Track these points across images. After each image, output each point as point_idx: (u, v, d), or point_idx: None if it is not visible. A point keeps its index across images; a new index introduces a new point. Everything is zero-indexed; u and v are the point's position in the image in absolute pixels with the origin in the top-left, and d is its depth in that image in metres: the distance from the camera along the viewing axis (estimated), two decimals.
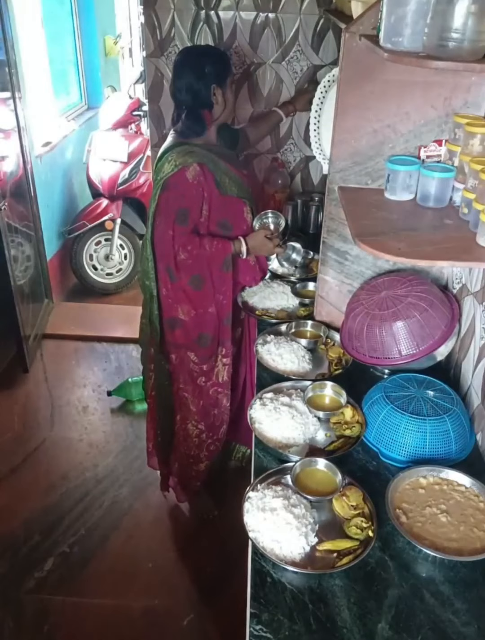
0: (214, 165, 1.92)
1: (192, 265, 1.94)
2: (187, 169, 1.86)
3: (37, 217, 3.69)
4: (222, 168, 1.95)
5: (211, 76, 1.89)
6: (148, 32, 2.73)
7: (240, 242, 1.96)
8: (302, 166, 3.00)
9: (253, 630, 1.07)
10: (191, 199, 1.88)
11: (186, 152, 1.88)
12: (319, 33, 2.67)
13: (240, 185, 1.99)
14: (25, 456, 2.79)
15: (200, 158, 1.88)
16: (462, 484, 1.35)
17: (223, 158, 1.98)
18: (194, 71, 1.88)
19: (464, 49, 1.07)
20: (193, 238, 1.92)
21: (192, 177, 1.86)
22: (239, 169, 2.07)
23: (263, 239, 1.96)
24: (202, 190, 1.88)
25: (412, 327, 1.59)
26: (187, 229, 1.91)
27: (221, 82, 1.91)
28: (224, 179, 1.94)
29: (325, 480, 1.36)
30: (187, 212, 1.88)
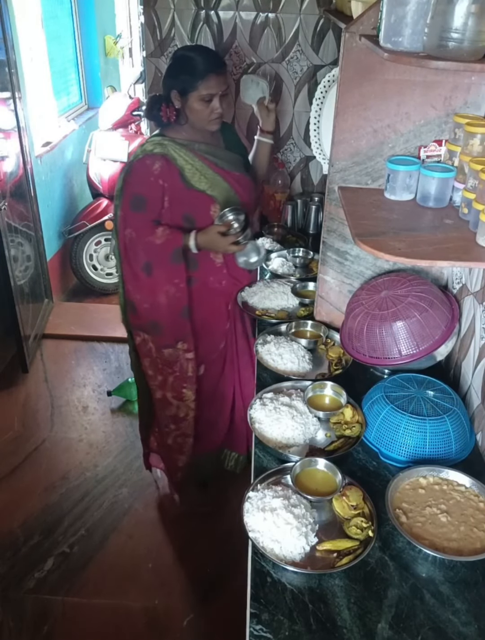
0: (184, 160, 1.89)
1: (144, 251, 1.92)
2: (150, 158, 1.86)
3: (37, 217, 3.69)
4: (197, 164, 1.91)
5: (172, 80, 1.87)
6: (148, 32, 2.73)
7: (189, 236, 1.90)
8: (302, 166, 3.00)
9: (253, 630, 1.07)
10: (149, 188, 1.87)
11: (156, 143, 1.89)
12: (319, 33, 2.67)
13: (216, 183, 1.94)
14: (25, 456, 2.79)
15: (167, 151, 1.88)
16: (462, 484, 1.35)
17: (204, 156, 1.94)
18: (168, 68, 1.89)
19: (464, 49, 1.07)
20: (148, 225, 1.90)
21: (153, 166, 1.85)
22: (228, 170, 1.99)
23: (215, 235, 1.87)
24: (162, 181, 1.86)
25: (412, 327, 1.59)
26: (145, 216, 1.89)
27: (182, 92, 1.85)
28: (194, 174, 1.90)
29: (325, 480, 1.36)
30: (144, 200, 1.87)
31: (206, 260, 2.03)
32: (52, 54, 4.20)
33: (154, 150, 1.88)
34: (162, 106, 1.90)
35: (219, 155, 1.99)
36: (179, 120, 1.91)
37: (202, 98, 1.83)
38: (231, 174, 1.99)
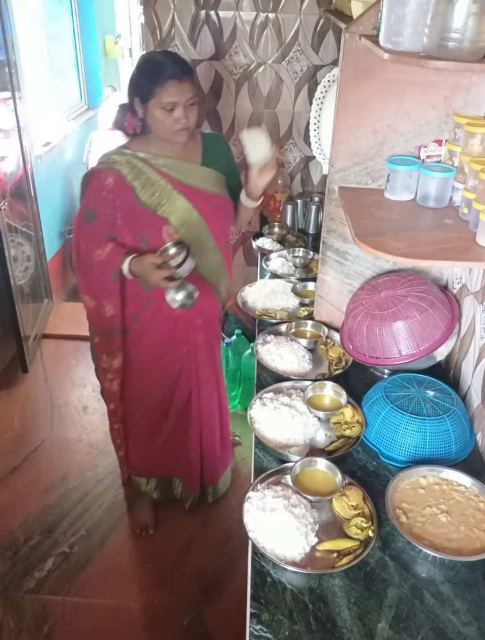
0: (140, 176, 1.78)
1: (89, 265, 1.85)
2: (104, 172, 1.78)
3: (37, 217, 3.69)
4: (156, 181, 1.78)
5: (133, 87, 1.75)
6: (148, 32, 2.73)
7: (124, 259, 1.78)
8: (302, 166, 3.00)
9: (253, 630, 1.07)
10: (101, 202, 1.78)
11: (114, 155, 1.80)
12: (319, 33, 2.67)
13: (176, 203, 1.80)
14: (25, 456, 2.79)
15: (121, 167, 1.77)
16: (462, 484, 1.35)
17: (167, 172, 1.80)
18: (131, 73, 1.77)
19: (464, 49, 1.07)
20: (97, 238, 1.82)
21: (105, 181, 1.76)
22: (197, 188, 1.84)
23: (149, 264, 1.71)
24: (113, 197, 1.77)
25: (412, 327, 1.59)
26: (95, 229, 1.82)
27: (143, 99, 1.72)
28: (149, 192, 1.78)
29: (325, 480, 1.36)
30: (94, 213, 1.80)
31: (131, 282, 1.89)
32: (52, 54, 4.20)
33: (109, 164, 1.78)
34: (127, 116, 1.79)
35: (187, 172, 1.84)
36: (145, 131, 1.79)
37: (163, 106, 1.69)
38: (200, 192, 1.84)
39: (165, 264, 1.71)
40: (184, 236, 1.81)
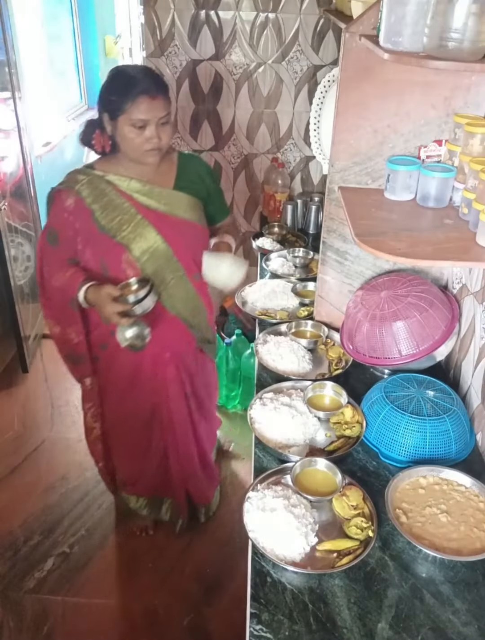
0: (102, 199, 1.68)
1: (49, 289, 1.78)
2: (65, 193, 1.69)
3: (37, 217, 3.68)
4: (120, 205, 1.68)
5: (102, 101, 1.64)
6: (148, 32, 2.73)
7: (81, 287, 1.68)
8: (302, 166, 3.01)
9: (253, 630, 1.07)
10: (62, 223, 1.70)
11: (76, 174, 1.71)
12: (319, 33, 2.68)
13: (140, 230, 1.70)
14: (25, 456, 2.79)
15: (81, 188, 1.67)
16: (462, 484, 1.35)
17: (132, 196, 1.70)
18: (101, 87, 1.64)
19: (464, 49, 1.07)
20: (59, 261, 1.74)
21: (66, 202, 1.68)
22: (165, 213, 1.73)
23: (105, 296, 1.63)
24: (73, 219, 1.68)
25: (412, 327, 1.59)
26: (58, 252, 1.73)
27: (112, 115, 1.61)
28: (110, 217, 1.68)
29: (325, 480, 1.36)
30: (56, 235, 1.71)
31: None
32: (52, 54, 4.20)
33: (69, 184, 1.69)
34: (96, 133, 1.67)
35: (155, 196, 1.72)
36: (114, 150, 1.67)
37: (132, 124, 1.57)
38: (168, 218, 1.73)
39: (123, 297, 1.63)
40: (147, 265, 1.73)
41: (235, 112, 2.90)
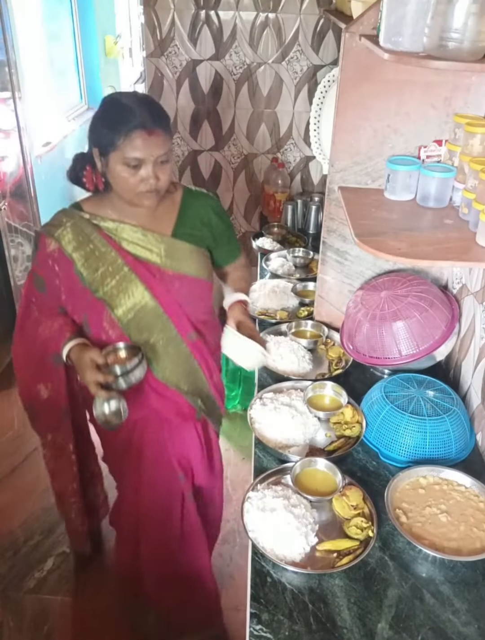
0: (83, 247, 1.47)
1: (35, 333, 1.60)
2: (48, 238, 1.48)
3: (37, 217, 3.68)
4: (105, 255, 1.47)
5: (93, 133, 1.42)
6: (148, 32, 2.73)
7: (65, 345, 1.53)
8: (302, 166, 3.01)
9: (253, 630, 1.07)
10: (47, 271, 1.51)
11: (62, 216, 1.50)
12: (319, 33, 2.68)
13: (126, 285, 1.48)
14: (25, 456, 2.79)
15: (64, 234, 1.47)
16: (462, 484, 1.35)
17: (120, 244, 1.48)
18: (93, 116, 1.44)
19: (464, 49, 1.07)
20: (48, 308, 1.57)
21: (49, 247, 1.49)
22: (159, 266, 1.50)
23: (88, 361, 1.45)
24: (57, 269, 1.50)
25: (412, 327, 1.59)
26: (46, 297, 1.56)
27: (103, 150, 1.38)
28: (93, 268, 1.47)
29: (325, 480, 1.36)
30: (43, 281, 1.54)
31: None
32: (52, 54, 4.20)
33: (51, 228, 1.49)
34: (87, 169, 1.45)
35: (147, 243, 1.49)
36: (107, 188, 1.45)
37: (126, 162, 1.35)
38: (159, 271, 1.50)
39: (109, 366, 1.46)
40: (130, 325, 1.52)
41: (235, 112, 2.90)
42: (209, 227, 1.58)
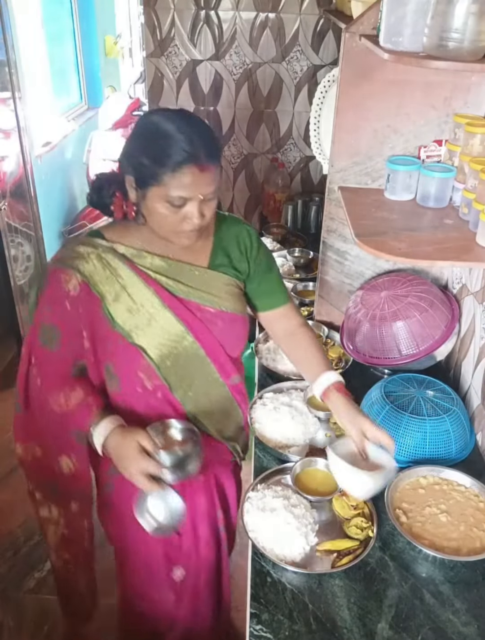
0: (111, 282, 1.25)
1: (44, 406, 1.32)
2: (66, 273, 1.23)
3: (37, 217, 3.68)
4: (136, 290, 1.26)
5: (129, 159, 1.18)
6: (148, 32, 2.73)
7: (96, 428, 1.26)
8: (302, 166, 3.00)
9: (253, 630, 1.07)
10: (64, 316, 1.25)
11: (80, 246, 1.26)
12: (319, 33, 2.67)
13: (162, 324, 1.28)
14: None
15: (87, 267, 1.24)
16: (462, 484, 1.35)
17: (154, 278, 1.27)
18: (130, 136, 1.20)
19: (464, 49, 1.07)
20: (61, 371, 1.30)
21: (67, 285, 1.23)
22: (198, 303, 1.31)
23: (133, 449, 1.20)
24: (82, 309, 1.25)
25: (412, 327, 1.59)
26: (58, 355, 1.28)
27: (140, 182, 1.17)
28: (124, 306, 1.26)
29: (325, 480, 1.36)
30: (57, 332, 1.26)
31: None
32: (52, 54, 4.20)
33: (70, 261, 1.24)
34: (116, 194, 1.24)
35: (185, 278, 1.30)
36: (137, 218, 1.24)
37: (168, 199, 1.14)
38: (199, 309, 1.31)
39: (159, 452, 1.21)
40: (170, 372, 1.31)
41: (235, 112, 2.90)
42: (246, 256, 1.38)
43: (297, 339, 1.45)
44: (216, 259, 1.35)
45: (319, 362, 1.39)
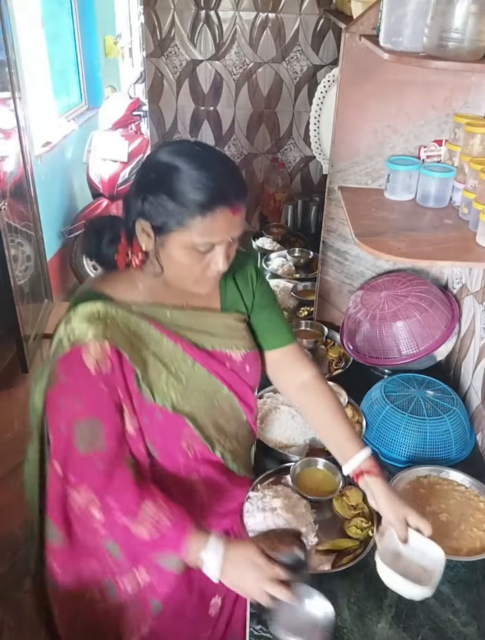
0: (137, 348, 1.06)
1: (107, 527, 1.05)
2: (85, 349, 1.01)
3: (37, 217, 3.68)
4: (169, 354, 1.09)
5: (144, 202, 0.99)
6: (148, 32, 2.73)
7: (206, 546, 1.01)
8: (302, 166, 3.01)
9: (253, 630, 1.07)
10: (98, 403, 1.02)
11: (89, 314, 1.03)
12: (319, 33, 2.68)
13: (194, 382, 1.12)
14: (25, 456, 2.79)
15: (110, 329, 1.03)
16: (462, 484, 1.35)
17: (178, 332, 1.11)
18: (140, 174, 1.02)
19: (464, 49, 1.07)
20: (121, 479, 1.04)
21: (94, 362, 1.01)
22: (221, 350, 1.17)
23: (253, 563, 1.01)
24: (113, 384, 1.03)
25: (412, 327, 1.59)
26: (105, 454, 1.03)
27: (158, 227, 1.00)
28: (158, 373, 1.08)
29: (325, 480, 1.36)
30: (97, 425, 1.02)
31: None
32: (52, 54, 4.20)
33: (88, 332, 1.01)
34: (121, 240, 1.07)
35: (206, 326, 1.16)
36: (147, 268, 1.08)
37: (194, 246, 1.00)
38: (231, 358, 1.18)
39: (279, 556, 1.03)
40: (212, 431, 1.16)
41: (235, 112, 2.90)
42: (253, 289, 1.24)
43: (313, 395, 1.29)
44: (227, 297, 1.21)
45: (347, 436, 1.23)
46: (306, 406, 1.31)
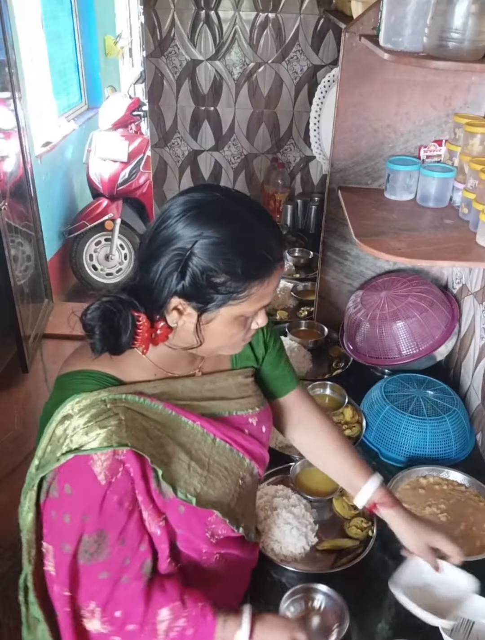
0: (158, 439, 0.90)
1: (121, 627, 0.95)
2: (92, 459, 0.86)
3: (37, 217, 3.68)
4: (193, 439, 0.95)
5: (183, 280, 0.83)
6: (148, 32, 2.73)
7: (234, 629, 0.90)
8: (302, 166, 3.01)
9: None
10: (105, 514, 0.88)
11: (94, 411, 0.88)
12: (319, 33, 2.68)
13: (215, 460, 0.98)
14: (25, 456, 2.78)
15: (124, 429, 0.87)
16: (462, 484, 1.35)
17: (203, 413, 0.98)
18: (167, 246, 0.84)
19: (464, 49, 1.07)
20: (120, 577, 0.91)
21: (103, 471, 0.86)
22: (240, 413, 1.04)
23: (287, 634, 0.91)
24: (126, 489, 0.88)
25: (412, 327, 1.59)
26: (108, 565, 0.91)
27: (201, 302, 0.85)
28: (180, 463, 0.93)
29: (325, 480, 1.35)
30: (102, 537, 0.89)
31: None
32: (52, 54, 4.20)
33: (108, 437, 0.85)
34: (138, 320, 0.89)
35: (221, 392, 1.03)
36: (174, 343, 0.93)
37: (244, 314, 0.88)
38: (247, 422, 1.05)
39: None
40: (233, 512, 1.00)
41: (235, 112, 2.90)
42: (265, 339, 1.13)
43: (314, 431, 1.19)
44: (239, 353, 1.05)
45: (354, 467, 1.15)
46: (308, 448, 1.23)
